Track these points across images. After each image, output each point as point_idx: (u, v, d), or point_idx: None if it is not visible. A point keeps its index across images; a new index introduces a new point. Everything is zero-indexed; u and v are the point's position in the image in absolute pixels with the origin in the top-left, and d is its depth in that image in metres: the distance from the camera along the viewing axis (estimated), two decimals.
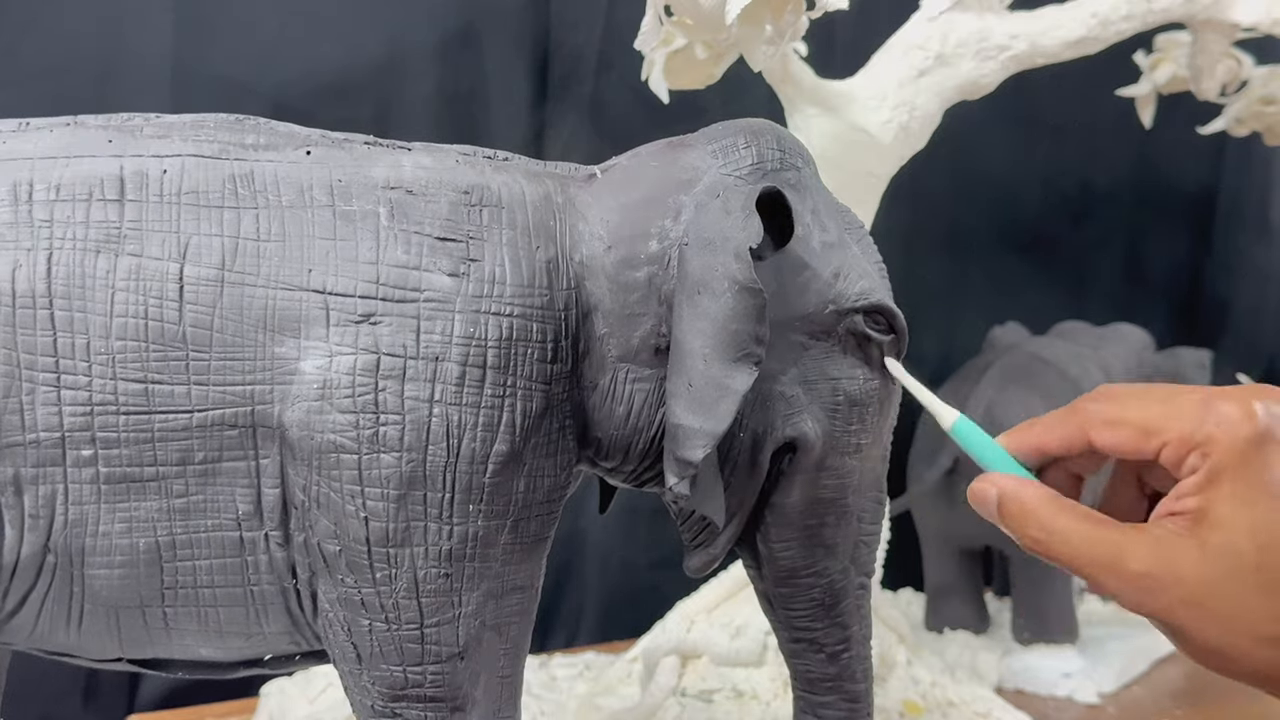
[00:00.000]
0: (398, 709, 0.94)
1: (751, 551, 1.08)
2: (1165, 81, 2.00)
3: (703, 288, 0.92)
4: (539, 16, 2.00)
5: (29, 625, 0.92)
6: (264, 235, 0.90)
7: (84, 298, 0.86)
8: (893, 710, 1.57)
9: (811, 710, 1.10)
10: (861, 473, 1.05)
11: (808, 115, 1.53)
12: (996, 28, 1.59)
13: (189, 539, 0.90)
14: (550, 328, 0.94)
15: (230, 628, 0.94)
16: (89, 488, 0.87)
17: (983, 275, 2.55)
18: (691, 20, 1.36)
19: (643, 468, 1.02)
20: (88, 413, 0.86)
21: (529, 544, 0.96)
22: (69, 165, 0.89)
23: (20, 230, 0.86)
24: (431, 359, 0.89)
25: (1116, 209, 2.74)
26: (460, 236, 0.93)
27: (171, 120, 0.95)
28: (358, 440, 0.88)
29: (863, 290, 1.00)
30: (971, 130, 1.91)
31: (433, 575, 0.91)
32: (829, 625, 1.07)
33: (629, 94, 1.87)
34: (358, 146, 0.97)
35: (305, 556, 0.92)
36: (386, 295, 0.89)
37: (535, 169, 1.02)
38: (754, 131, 1.01)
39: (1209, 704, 1.86)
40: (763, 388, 0.98)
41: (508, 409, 0.91)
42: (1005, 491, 0.71)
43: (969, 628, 2.11)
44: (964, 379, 2.09)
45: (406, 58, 1.91)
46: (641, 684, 1.63)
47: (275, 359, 0.88)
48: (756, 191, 0.95)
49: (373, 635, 0.92)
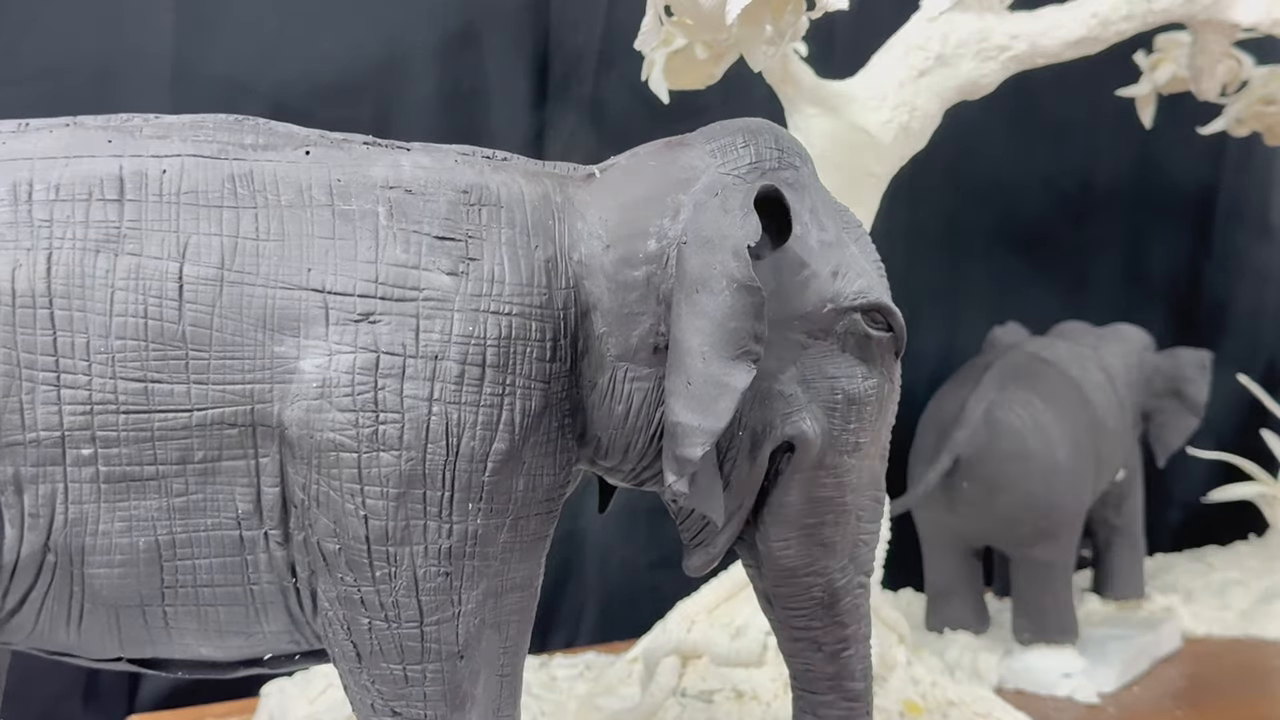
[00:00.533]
0: (397, 707, 0.94)
1: (751, 550, 1.08)
2: (1165, 81, 2.01)
3: (701, 286, 0.92)
4: (539, 16, 2.00)
5: (29, 624, 0.92)
6: (263, 235, 0.90)
7: (84, 297, 0.86)
8: (893, 710, 1.57)
9: (811, 710, 1.10)
10: (860, 472, 1.05)
11: (808, 115, 1.53)
12: (996, 28, 1.59)
13: (189, 538, 0.90)
14: (549, 326, 0.94)
15: (230, 627, 0.94)
16: (89, 487, 0.87)
17: (983, 275, 2.55)
18: (691, 20, 1.37)
19: (642, 466, 1.03)
20: (87, 412, 0.86)
21: (528, 543, 0.96)
22: (69, 165, 0.89)
23: (20, 230, 0.86)
24: (431, 357, 0.89)
25: (1116, 209, 2.74)
26: (459, 236, 0.93)
27: (171, 120, 0.95)
28: (357, 439, 0.88)
29: (861, 289, 1.00)
30: (971, 130, 1.91)
31: (432, 574, 0.91)
32: (828, 624, 1.07)
33: (629, 94, 1.87)
34: (357, 146, 0.97)
35: (305, 555, 0.92)
36: (386, 294, 0.90)
37: (534, 169, 1.02)
38: (752, 131, 1.01)
39: (1209, 704, 1.85)
40: (761, 386, 0.98)
41: (507, 407, 0.91)
42: None
43: (969, 628, 2.11)
44: (964, 379, 2.09)
45: (406, 58, 1.91)
46: (641, 684, 1.63)
47: (275, 358, 0.88)
48: (755, 190, 0.95)
49: (372, 634, 0.92)
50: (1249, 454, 2.52)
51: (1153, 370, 2.31)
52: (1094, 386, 2.10)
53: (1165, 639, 2.11)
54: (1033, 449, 1.93)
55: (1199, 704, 1.86)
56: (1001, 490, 1.94)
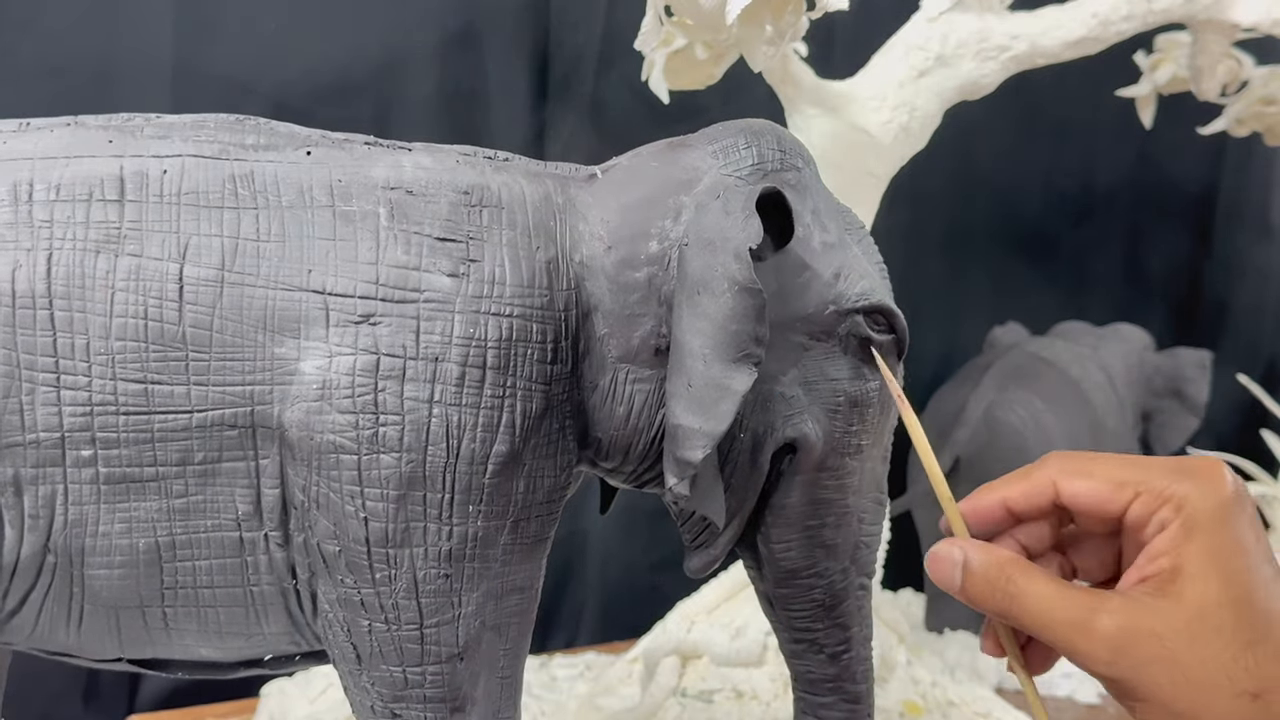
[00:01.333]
0: (397, 709, 0.94)
1: (752, 552, 1.07)
2: (1165, 81, 2.00)
3: (703, 288, 0.92)
4: (539, 16, 2.00)
5: (29, 625, 0.92)
6: (264, 235, 0.90)
7: (84, 298, 0.86)
8: (893, 711, 1.57)
9: (812, 711, 1.10)
10: (862, 473, 1.05)
11: (808, 115, 1.53)
12: (996, 28, 1.59)
13: (189, 539, 0.90)
14: (550, 328, 0.94)
15: (230, 628, 0.94)
16: (89, 488, 0.87)
17: (983, 275, 2.55)
18: (691, 20, 1.36)
19: (643, 468, 1.02)
20: (87, 413, 0.86)
21: (529, 544, 0.96)
22: (69, 165, 0.89)
23: (20, 230, 0.86)
24: (431, 359, 0.89)
25: (1116, 209, 2.74)
26: (460, 237, 0.93)
27: (172, 120, 0.95)
28: (357, 441, 0.88)
29: (863, 291, 1.00)
30: (971, 130, 1.91)
31: (432, 576, 0.91)
32: (829, 626, 1.07)
33: (629, 94, 1.87)
34: (358, 147, 0.97)
35: (305, 557, 0.92)
36: (386, 296, 0.89)
37: (535, 169, 1.02)
38: (754, 132, 1.01)
39: None
40: (763, 388, 0.97)
41: (507, 409, 0.91)
42: (972, 554, 0.69)
43: (969, 628, 2.11)
44: (964, 379, 2.09)
45: (406, 58, 1.90)
46: (641, 684, 1.63)
47: (275, 359, 0.88)
48: (757, 192, 0.95)
49: (372, 636, 0.92)
50: (1249, 454, 2.52)
51: (1153, 370, 2.31)
52: (1094, 386, 2.10)
53: None
54: (1033, 449, 1.94)
55: None
56: None
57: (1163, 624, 0.62)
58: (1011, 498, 0.71)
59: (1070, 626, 0.64)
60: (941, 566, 0.71)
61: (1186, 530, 0.63)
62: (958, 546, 0.70)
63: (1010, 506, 0.71)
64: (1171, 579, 0.63)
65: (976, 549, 0.70)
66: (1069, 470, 0.69)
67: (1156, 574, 0.64)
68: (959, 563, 0.70)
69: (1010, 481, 0.72)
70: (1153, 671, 0.62)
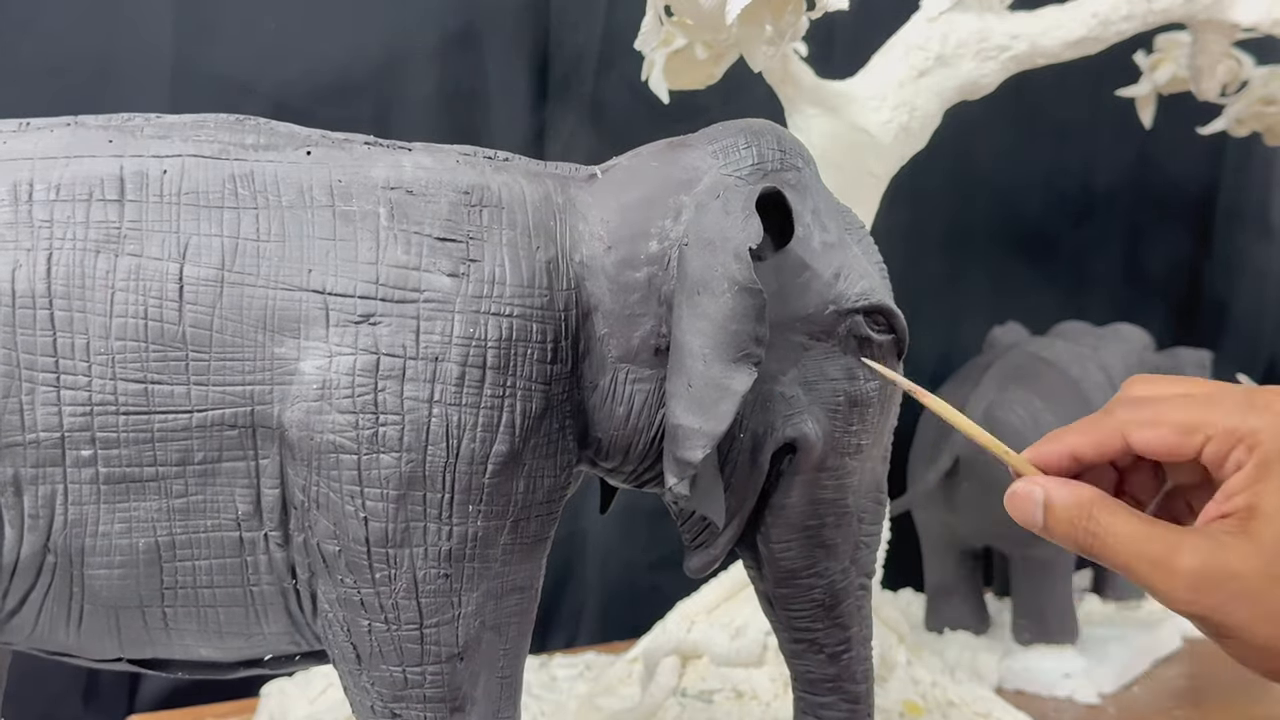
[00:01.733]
0: (397, 709, 0.94)
1: (752, 552, 1.08)
2: (1165, 81, 2.00)
3: (702, 288, 0.92)
4: (539, 16, 2.00)
5: (29, 625, 0.92)
6: (264, 235, 0.90)
7: (84, 298, 0.86)
8: (893, 711, 1.57)
9: (812, 711, 1.10)
10: (862, 473, 1.05)
11: (808, 115, 1.53)
12: (996, 28, 1.59)
13: (188, 539, 0.90)
14: (550, 328, 0.94)
15: (230, 628, 0.94)
16: (88, 488, 0.87)
17: (983, 275, 2.55)
18: (691, 20, 1.36)
19: (643, 468, 1.02)
20: (87, 413, 0.86)
21: (529, 544, 0.96)
22: (69, 165, 0.89)
23: (20, 230, 0.86)
24: (431, 359, 0.89)
25: (1116, 209, 2.74)
26: (460, 237, 0.93)
27: (172, 120, 0.95)
28: (357, 440, 0.88)
29: (863, 291, 1.00)
30: (971, 130, 1.91)
31: (432, 575, 0.91)
32: (829, 626, 1.07)
33: (629, 94, 1.87)
34: (358, 147, 0.97)
35: (305, 557, 0.92)
36: (386, 295, 0.89)
37: (535, 169, 1.02)
38: (754, 132, 1.01)
39: (1209, 704, 1.85)
40: (763, 388, 0.97)
41: (507, 409, 0.91)
42: (1054, 491, 0.69)
43: (969, 628, 2.11)
44: (964, 379, 2.09)
45: (406, 58, 1.90)
46: (641, 684, 1.63)
47: (275, 359, 0.88)
48: (757, 192, 0.95)
49: (372, 635, 0.92)
50: None
51: (1153, 370, 2.31)
52: (1094, 386, 2.10)
53: (1165, 639, 2.11)
54: None
55: (1199, 704, 1.87)
56: (1001, 490, 1.93)
57: (1241, 562, 0.63)
58: (1080, 447, 0.71)
59: (1151, 565, 0.65)
60: (1023, 504, 0.70)
61: (1261, 469, 0.64)
62: (1038, 484, 0.70)
63: (1079, 456, 0.71)
64: (1250, 516, 0.63)
65: (1058, 486, 0.69)
66: (1137, 420, 0.68)
67: (1234, 511, 0.64)
68: (1039, 501, 0.70)
69: (1078, 430, 0.71)
70: (1233, 609, 0.63)
